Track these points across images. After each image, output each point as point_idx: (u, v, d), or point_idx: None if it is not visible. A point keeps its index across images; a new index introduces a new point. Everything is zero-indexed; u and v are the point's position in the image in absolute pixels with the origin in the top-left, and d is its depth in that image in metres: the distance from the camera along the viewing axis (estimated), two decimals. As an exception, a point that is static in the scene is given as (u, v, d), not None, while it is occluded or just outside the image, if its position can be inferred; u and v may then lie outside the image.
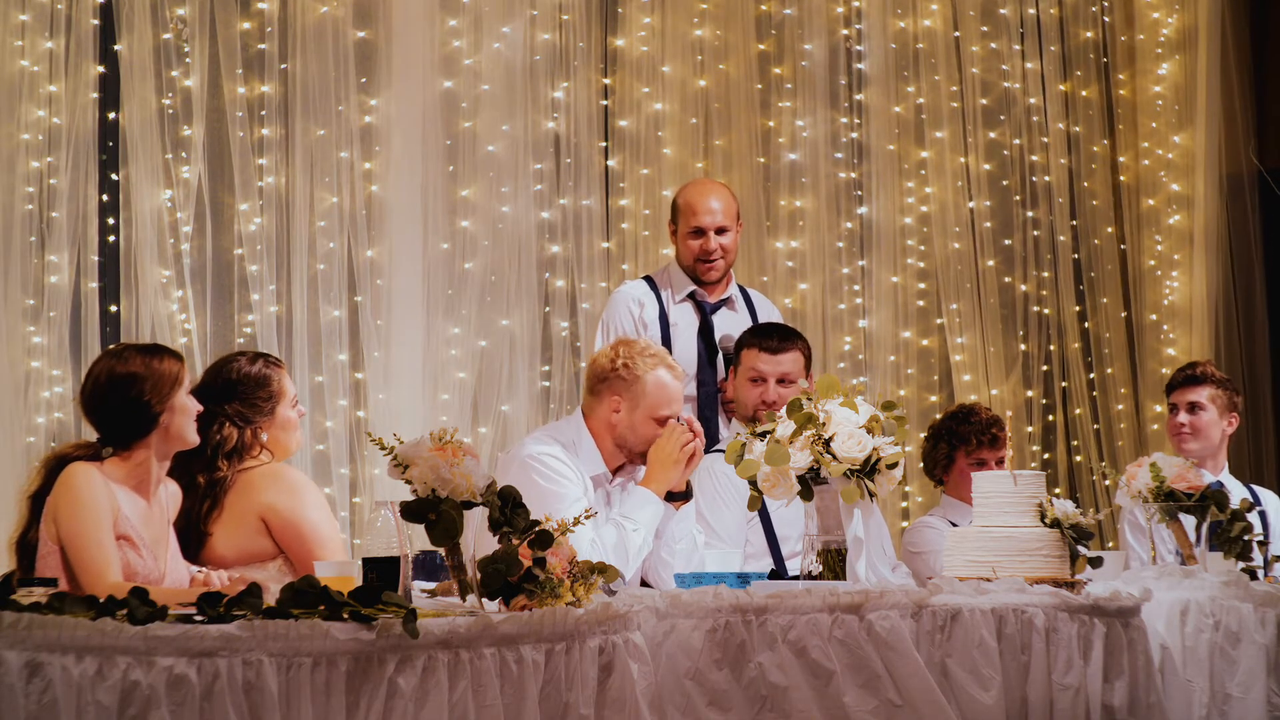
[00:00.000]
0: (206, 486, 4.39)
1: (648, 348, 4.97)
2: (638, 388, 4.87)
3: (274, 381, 4.52)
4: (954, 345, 7.45)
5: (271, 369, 4.54)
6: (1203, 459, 5.97)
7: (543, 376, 6.73)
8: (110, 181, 6.11)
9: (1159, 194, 7.91)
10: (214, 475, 4.40)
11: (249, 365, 4.52)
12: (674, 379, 4.91)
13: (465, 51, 6.66)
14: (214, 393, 4.46)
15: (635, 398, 4.87)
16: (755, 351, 5.39)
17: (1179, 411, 6.06)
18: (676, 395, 4.91)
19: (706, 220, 5.77)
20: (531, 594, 3.55)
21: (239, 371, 4.51)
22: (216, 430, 4.42)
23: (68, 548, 4.05)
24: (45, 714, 2.89)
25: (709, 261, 5.78)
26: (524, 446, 4.94)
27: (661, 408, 4.87)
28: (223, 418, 4.44)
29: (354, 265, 6.41)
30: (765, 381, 5.34)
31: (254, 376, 4.51)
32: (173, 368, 4.19)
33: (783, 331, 5.48)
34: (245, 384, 4.49)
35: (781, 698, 3.94)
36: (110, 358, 4.21)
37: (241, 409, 4.46)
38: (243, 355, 4.57)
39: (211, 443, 4.40)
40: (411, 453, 3.64)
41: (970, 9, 7.59)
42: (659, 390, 4.87)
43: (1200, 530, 5.06)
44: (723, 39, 7.21)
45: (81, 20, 6.04)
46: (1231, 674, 4.69)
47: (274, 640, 3.15)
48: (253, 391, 4.49)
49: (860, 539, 4.26)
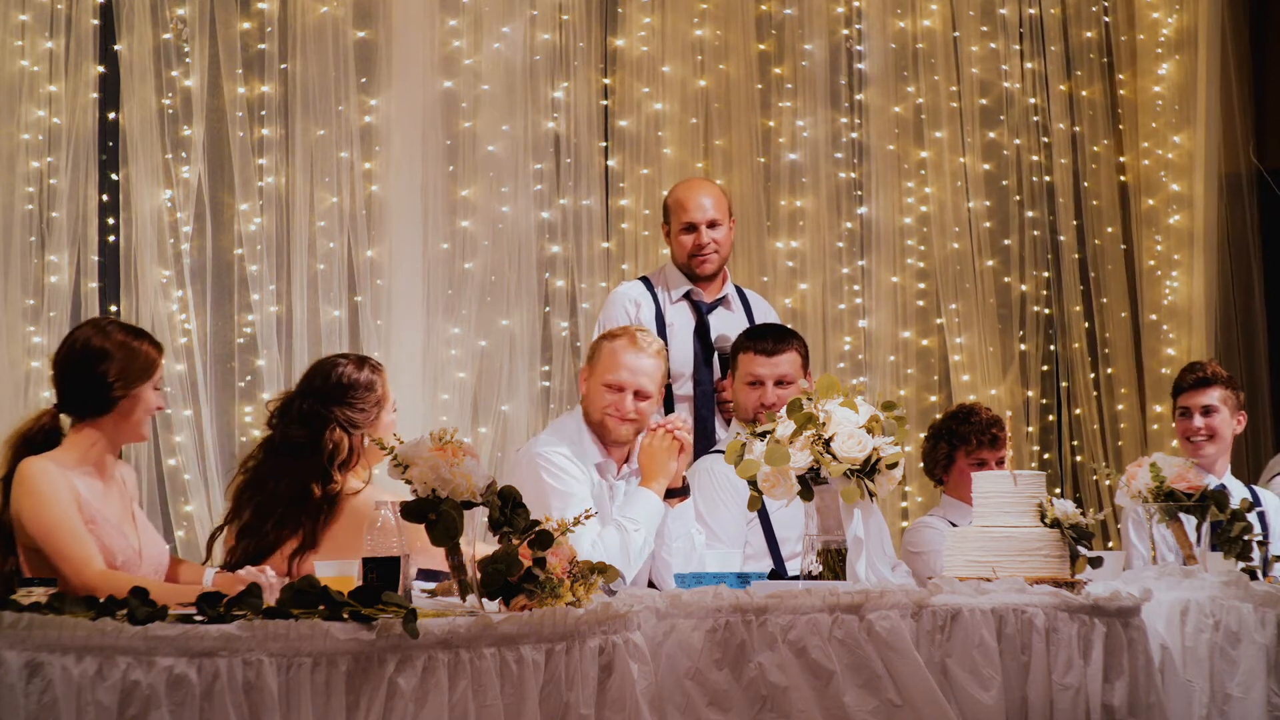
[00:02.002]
0: (324, 498, 4.37)
1: (630, 326, 5.07)
2: (597, 355, 4.98)
3: (378, 386, 4.52)
4: (953, 345, 7.45)
5: (376, 374, 4.53)
6: (1214, 461, 5.97)
7: (543, 376, 6.73)
8: (110, 181, 6.11)
9: (1159, 194, 7.92)
10: (329, 488, 4.38)
11: (356, 371, 4.51)
12: (631, 348, 4.92)
13: (465, 51, 6.66)
14: (320, 396, 4.46)
15: (593, 367, 4.98)
16: (751, 355, 5.38)
17: (1192, 415, 6.00)
18: (629, 365, 4.91)
19: (697, 215, 5.78)
20: (531, 594, 3.55)
21: (347, 376, 4.50)
22: (328, 436, 4.41)
23: (43, 545, 4.03)
24: (45, 714, 2.89)
25: (702, 255, 5.78)
26: (533, 445, 4.99)
27: (608, 373, 4.92)
28: (333, 423, 4.43)
29: (354, 265, 6.41)
30: (763, 385, 5.33)
31: (361, 382, 4.50)
32: (149, 355, 4.17)
33: (777, 333, 5.46)
34: (354, 389, 4.48)
35: (781, 698, 3.95)
36: (92, 327, 4.21)
37: (350, 414, 4.45)
38: (345, 358, 4.56)
39: (325, 450, 4.39)
40: (411, 453, 3.64)
41: (970, 9, 7.59)
42: (609, 357, 4.93)
43: (1200, 530, 5.06)
44: (723, 39, 7.21)
45: (81, 20, 6.04)
46: (1231, 674, 4.69)
47: (274, 640, 3.15)
48: (360, 396, 4.48)
49: (860, 539, 4.26)
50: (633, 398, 4.92)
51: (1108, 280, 7.81)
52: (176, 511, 6.01)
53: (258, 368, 6.21)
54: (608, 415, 4.93)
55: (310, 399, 4.47)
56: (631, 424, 4.94)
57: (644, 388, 4.93)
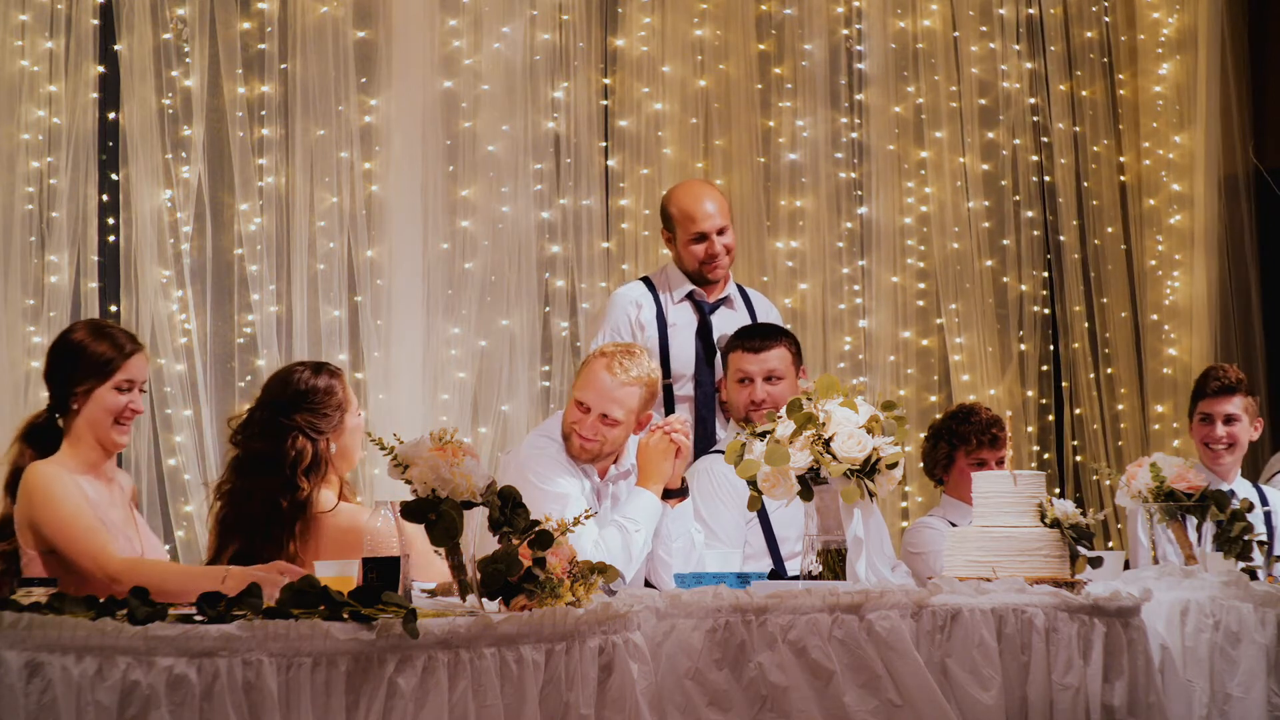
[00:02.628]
0: (290, 508, 4.33)
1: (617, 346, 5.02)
2: (581, 370, 4.98)
3: (338, 391, 4.48)
4: (953, 345, 7.45)
5: (335, 379, 4.49)
6: (1229, 469, 5.96)
7: (543, 376, 6.73)
8: (110, 181, 6.11)
9: (1160, 194, 7.92)
10: (296, 496, 4.34)
11: (313, 377, 4.47)
12: (606, 372, 4.87)
13: (465, 51, 6.66)
14: (281, 405, 4.42)
15: (576, 378, 4.99)
16: (739, 353, 5.39)
17: (1214, 423, 5.96)
18: (598, 387, 4.87)
19: (707, 225, 5.75)
20: (531, 594, 3.54)
21: (305, 383, 4.45)
22: (290, 445, 4.37)
23: (60, 544, 4.04)
24: (45, 714, 2.89)
25: (714, 264, 5.78)
26: (521, 448, 4.99)
27: (581, 390, 4.90)
28: (294, 431, 4.39)
29: (354, 265, 6.40)
30: (752, 381, 5.34)
31: (320, 388, 4.46)
32: (104, 355, 4.13)
33: (764, 330, 5.48)
34: (313, 394, 4.44)
35: (781, 698, 3.94)
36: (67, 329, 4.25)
37: (312, 419, 4.41)
38: (303, 366, 4.53)
39: (287, 459, 4.35)
40: (411, 453, 3.64)
41: (970, 9, 7.59)
42: (587, 374, 4.92)
43: (1201, 530, 5.06)
44: (723, 39, 7.21)
45: (81, 20, 6.04)
46: (1231, 674, 4.69)
47: (274, 640, 3.15)
48: (321, 401, 4.44)
49: (860, 539, 4.26)
50: (598, 420, 4.88)
51: (1108, 280, 7.81)
52: (176, 511, 6.01)
53: (258, 368, 6.20)
54: (572, 429, 4.92)
55: (269, 410, 4.43)
56: (590, 446, 4.89)
57: (610, 414, 4.86)
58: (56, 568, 4.07)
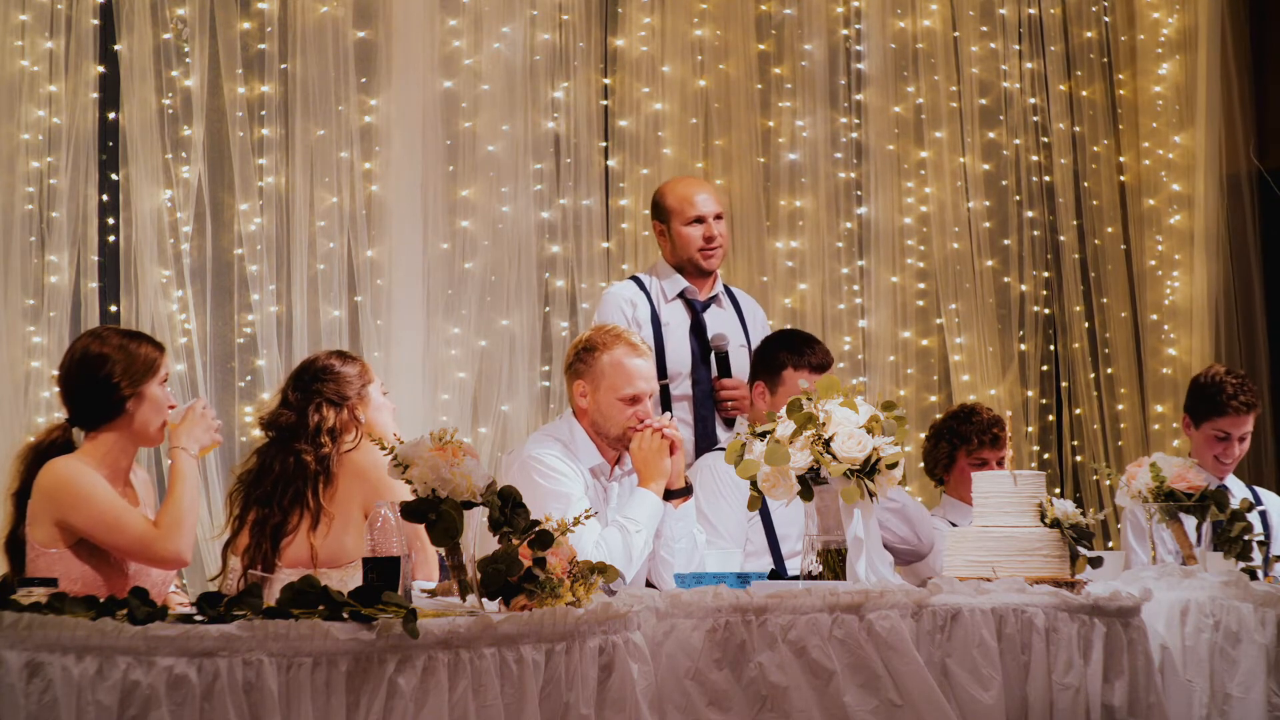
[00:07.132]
0: (318, 463, 4.48)
1: (610, 329, 5.01)
2: (596, 369, 4.90)
3: (359, 364, 4.69)
4: (953, 345, 7.46)
5: (357, 360, 4.71)
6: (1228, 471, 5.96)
7: (543, 376, 6.72)
8: (110, 181, 6.11)
9: (1160, 194, 7.92)
10: (320, 452, 4.49)
11: (338, 360, 4.68)
12: (635, 356, 4.90)
13: (465, 51, 6.66)
14: (304, 383, 4.60)
15: (595, 380, 4.90)
16: (807, 373, 5.28)
17: (1232, 441, 5.89)
18: (638, 372, 4.89)
19: (705, 208, 5.80)
20: (531, 594, 3.55)
21: (323, 361, 4.66)
22: (314, 411, 4.53)
23: (97, 532, 4.07)
24: (45, 714, 2.89)
25: (711, 247, 5.78)
26: (524, 448, 4.97)
27: (623, 387, 4.87)
28: (318, 399, 4.56)
29: (354, 265, 6.40)
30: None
31: (341, 362, 4.67)
32: (150, 354, 4.21)
33: (824, 349, 5.41)
34: (334, 368, 4.64)
35: (781, 698, 3.95)
36: (90, 336, 4.26)
37: (335, 387, 4.59)
38: (326, 353, 4.74)
39: (310, 424, 4.51)
40: (411, 453, 3.65)
41: (970, 9, 7.59)
42: (615, 370, 4.88)
43: (1200, 530, 5.06)
44: (723, 39, 7.21)
45: (81, 20, 6.04)
46: (1231, 674, 4.69)
47: (274, 640, 3.15)
48: (342, 372, 4.63)
49: (860, 539, 4.26)
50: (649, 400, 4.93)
51: (1108, 280, 7.81)
52: (176, 511, 6.00)
53: (258, 368, 6.21)
54: (626, 426, 4.87)
55: (297, 390, 4.62)
56: None
57: (655, 389, 4.96)
58: (88, 556, 4.11)
